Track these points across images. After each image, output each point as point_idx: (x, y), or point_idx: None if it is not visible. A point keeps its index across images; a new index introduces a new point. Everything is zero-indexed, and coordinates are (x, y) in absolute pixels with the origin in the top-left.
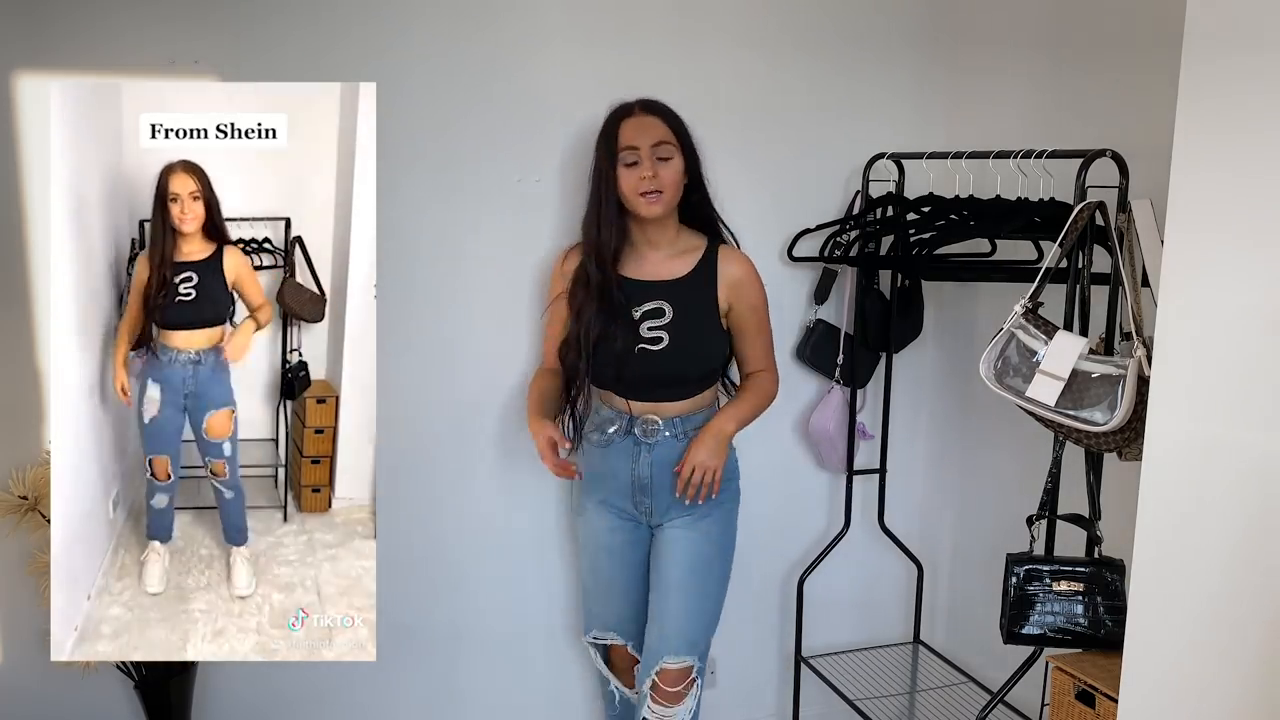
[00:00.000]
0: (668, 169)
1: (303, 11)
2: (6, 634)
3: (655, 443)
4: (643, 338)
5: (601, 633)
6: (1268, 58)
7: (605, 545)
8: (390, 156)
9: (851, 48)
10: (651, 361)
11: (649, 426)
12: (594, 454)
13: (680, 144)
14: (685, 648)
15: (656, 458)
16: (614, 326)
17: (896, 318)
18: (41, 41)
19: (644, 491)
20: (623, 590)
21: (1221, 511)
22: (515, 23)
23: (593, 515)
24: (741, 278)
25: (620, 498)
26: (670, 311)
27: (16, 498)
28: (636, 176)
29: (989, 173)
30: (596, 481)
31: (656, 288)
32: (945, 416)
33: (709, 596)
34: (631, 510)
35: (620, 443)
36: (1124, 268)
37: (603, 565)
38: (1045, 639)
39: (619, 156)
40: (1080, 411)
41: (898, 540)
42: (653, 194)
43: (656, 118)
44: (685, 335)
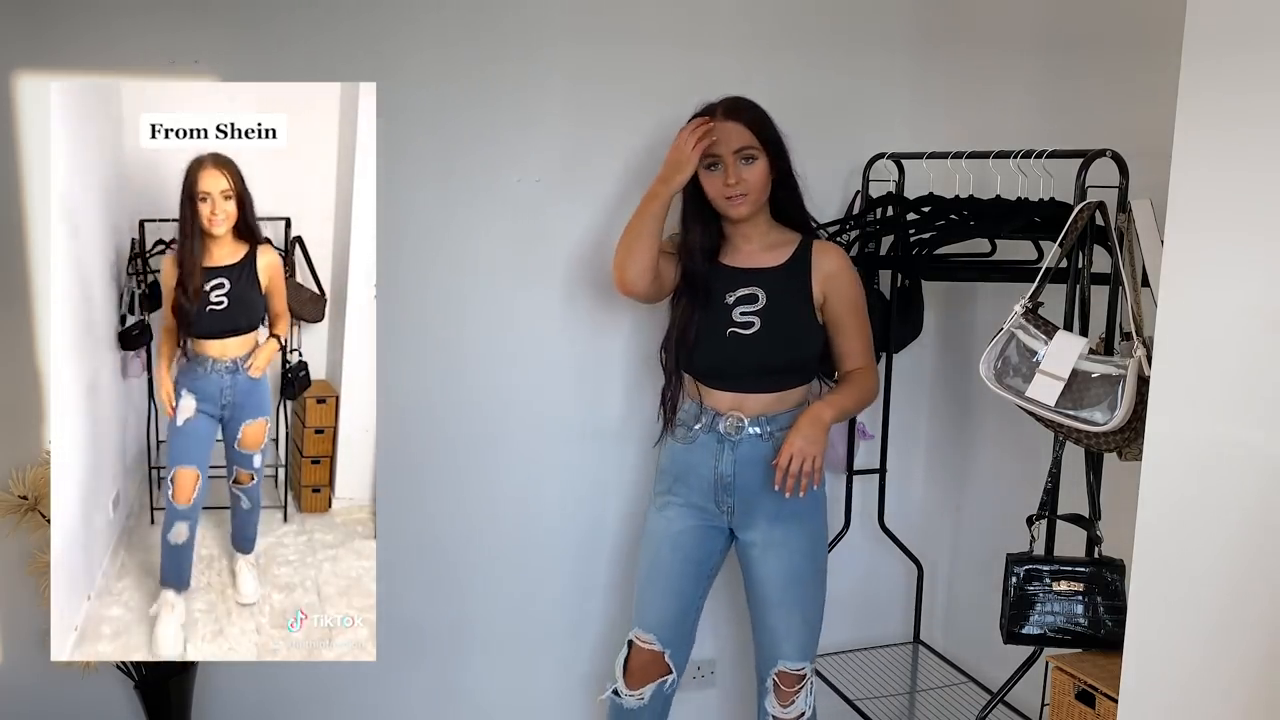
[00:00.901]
0: (752, 170)
1: (303, 11)
2: (6, 634)
3: (739, 440)
4: (735, 322)
5: (644, 633)
6: (1268, 58)
7: (672, 538)
8: (390, 156)
9: (851, 48)
10: (743, 346)
11: (734, 423)
12: (677, 450)
13: (765, 144)
14: (795, 655)
15: (740, 455)
16: (705, 312)
17: (896, 318)
18: (41, 41)
19: (726, 490)
20: (677, 588)
21: (1221, 511)
22: (515, 22)
23: (670, 512)
24: (836, 270)
25: (701, 496)
26: (764, 297)
27: (16, 498)
28: (720, 181)
29: (989, 173)
30: (679, 479)
31: (751, 275)
32: (945, 416)
33: (810, 607)
34: (713, 509)
35: (704, 439)
36: (1124, 268)
37: (664, 556)
38: (1045, 639)
39: (701, 161)
40: (1080, 411)
41: (898, 540)
42: (738, 196)
43: (738, 123)
44: (778, 320)
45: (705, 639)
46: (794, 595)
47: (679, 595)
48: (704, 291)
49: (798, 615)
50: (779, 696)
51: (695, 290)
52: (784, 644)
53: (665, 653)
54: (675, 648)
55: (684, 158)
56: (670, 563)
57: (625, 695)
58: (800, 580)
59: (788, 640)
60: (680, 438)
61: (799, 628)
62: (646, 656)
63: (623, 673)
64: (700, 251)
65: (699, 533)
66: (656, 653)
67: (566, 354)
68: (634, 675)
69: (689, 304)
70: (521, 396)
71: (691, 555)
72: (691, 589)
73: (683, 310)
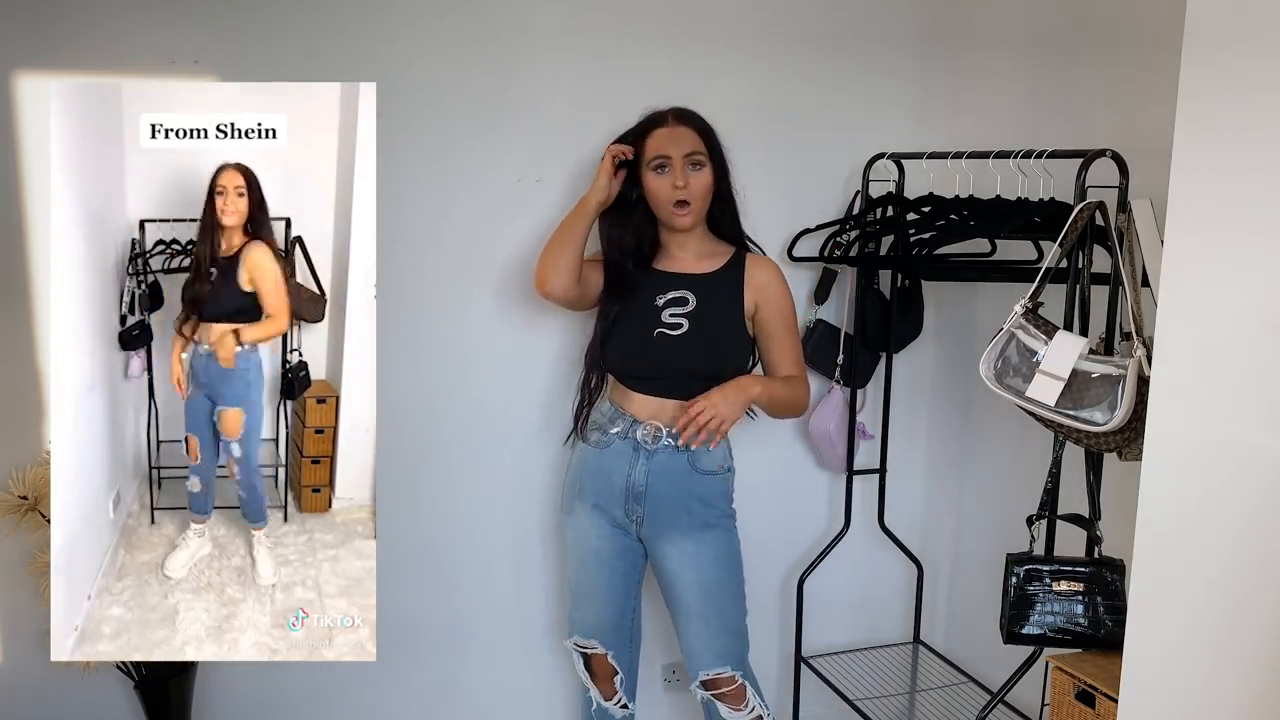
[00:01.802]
0: (698, 177)
1: (303, 11)
2: (6, 634)
3: (655, 450)
4: (664, 323)
5: (584, 639)
6: (1268, 57)
7: (593, 551)
8: (390, 156)
9: (851, 47)
10: (669, 346)
11: (651, 431)
12: (590, 454)
13: (711, 155)
14: (717, 661)
15: (655, 465)
16: (633, 313)
17: (896, 318)
18: (41, 41)
19: (637, 500)
20: (608, 599)
21: (1222, 511)
22: (514, 23)
23: (582, 519)
24: (769, 280)
25: (612, 503)
26: (694, 300)
27: (16, 498)
28: (668, 183)
29: (989, 173)
30: (589, 483)
31: (683, 279)
32: (945, 416)
33: (729, 614)
34: (623, 517)
35: (619, 445)
36: (1124, 268)
37: (589, 571)
38: (1045, 639)
39: (649, 163)
40: (1080, 411)
41: (898, 540)
42: (682, 204)
43: (689, 128)
44: (707, 324)
45: None
46: (711, 605)
47: (611, 605)
48: (630, 289)
49: (718, 624)
50: (724, 700)
51: (622, 288)
52: (705, 654)
53: (609, 654)
54: (618, 648)
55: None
56: (596, 577)
57: (607, 705)
58: (718, 589)
59: (706, 649)
60: (594, 442)
61: (717, 635)
62: (596, 661)
63: (591, 681)
64: (631, 251)
65: (615, 542)
66: (600, 655)
67: (566, 354)
68: (603, 681)
69: (611, 301)
70: (521, 396)
71: (617, 568)
72: (623, 599)
73: (606, 308)
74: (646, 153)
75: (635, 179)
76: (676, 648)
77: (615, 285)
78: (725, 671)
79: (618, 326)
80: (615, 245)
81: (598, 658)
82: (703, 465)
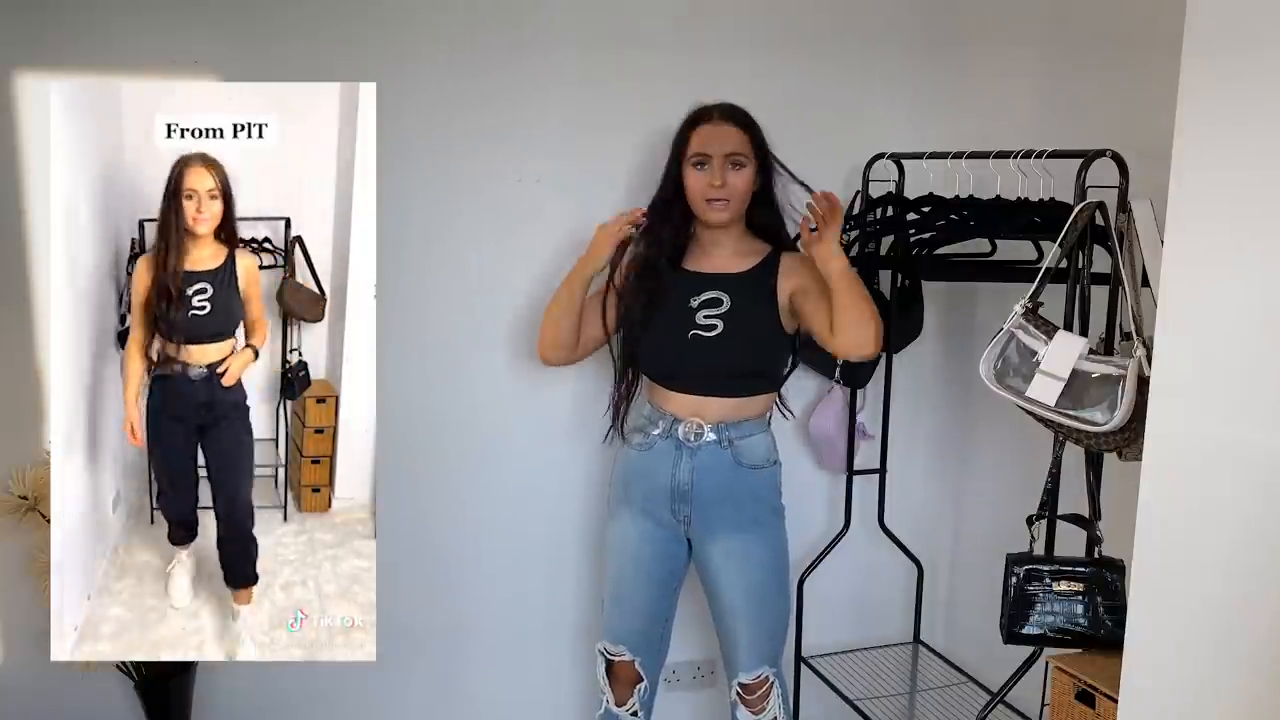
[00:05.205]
0: (738, 177)
1: (303, 11)
2: (6, 634)
3: (698, 448)
4: (698, 325)
5: (613, 645)
6: (1268, 58)
7: (633, 555)
8: (390, 156)
9: (851, 48)
10: (705, 348)
11: (694, 429)
12: (633, 456)
13: (755, 154)
14: (757, 664)
15: (699, 464)
16: (667, 315)
17: (896, 318)
18: (41, 41)
19: (683, 499)
20: (643, 605)
21: (1222, 511)
22: (514, 23)
23: (626, 522)
24: (802, 267)
25: (657, 505)
26: (728, 301)
27: (16, 498)
28: (705, 181)
29: (989, 173)
30: (635, 485)
31: (716, 279)
32: (945, 416)
33: (773, 614)
34: (669, 518)
35: (662, 445)
36: (1124, 268)
37: (627, 575)
38: (1045, 639)
39: (690, 159)
40: (1080, 411)
41: (898, 540)
42: (719, 201)
43: (734, 126)
44: (742, 324)
45: (704, 639)
46: (756, 608)
47: (645, 612)
48: (664, 292)
49: (761, 628)
50: (747, 706)
51: (656, 289)
52: (745, 656)
53: (635, 660)
54: (646, 655)
55: (601, 252)
56: (634, 581)
57: (618, 711)
58: (763, 591)
59: (748, 651)
60: (637, 444)
61: (760, 637)
62: (619, 666)
63: (608, 684)
64: (666, 252)
65: (659, 546)
66: (626, 662)
67: None
68: (622, 687)
69: (648, 304)
70: (521, 397)
71: (655, 574)
72: (658, 606)
73: (641, 310)
74: (689, 148)
75: (676, 175)
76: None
77: (653, 286)
78: (764, 673)
79: (652, 329)
80: (655, 242)
81: (623, 664)
82: (747, 459)
